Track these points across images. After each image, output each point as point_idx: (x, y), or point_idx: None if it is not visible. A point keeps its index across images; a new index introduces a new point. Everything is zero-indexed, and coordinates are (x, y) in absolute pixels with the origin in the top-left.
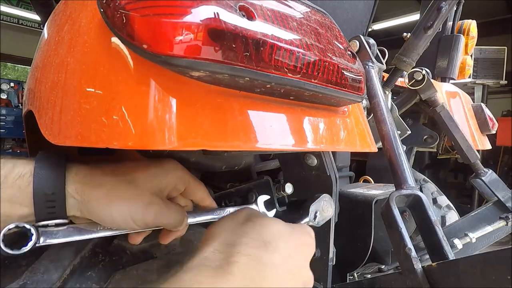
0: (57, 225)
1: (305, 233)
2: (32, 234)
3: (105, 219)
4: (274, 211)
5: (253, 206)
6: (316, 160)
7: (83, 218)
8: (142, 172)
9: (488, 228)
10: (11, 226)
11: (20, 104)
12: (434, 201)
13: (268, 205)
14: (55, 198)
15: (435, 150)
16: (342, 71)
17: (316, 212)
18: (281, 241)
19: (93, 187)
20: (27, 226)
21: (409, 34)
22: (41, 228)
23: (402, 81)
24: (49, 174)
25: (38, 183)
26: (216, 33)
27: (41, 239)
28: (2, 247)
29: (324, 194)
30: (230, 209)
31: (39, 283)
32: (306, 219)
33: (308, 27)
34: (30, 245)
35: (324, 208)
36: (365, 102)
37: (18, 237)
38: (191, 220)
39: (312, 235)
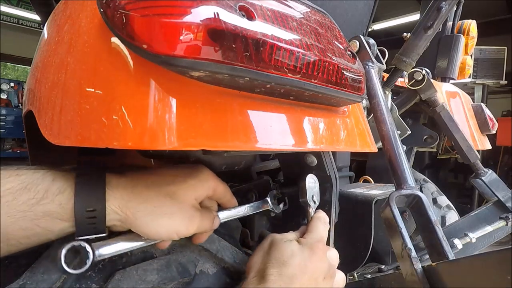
0: (96, 238)
1: (315, 249)
2: (88, 252)
3: (149, 233)
4: (282, 204)
5: (264, 201)
6: (316, 160)
7: (121, 227)
8: (181, 185)
9: (488, 228)
10: (69, 246)
11: (20, 104)
12: (434, 201)
13: (278, 200)
14: (96, 214)
15: (435, 150)
16: (342, 71)
17: (313, 196)
18: (295, 258)
19: (139, 204)
20: (83, 245)
21: (409, 34)
22: (93, 242)
23: (402, 81)
24: (90, 191)
25: (79, 201)
26: (216, 33)
27: (97, 255)
28: (66, 268)
29: (307, 177)
30: (247, 206)
31: (39, 283)
32: (311, 209)
33: (308, 27)
34: (89, 263)
35: (316, 187)
36: (365, 102)
37: (69, 253)
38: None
39: (321, 248)
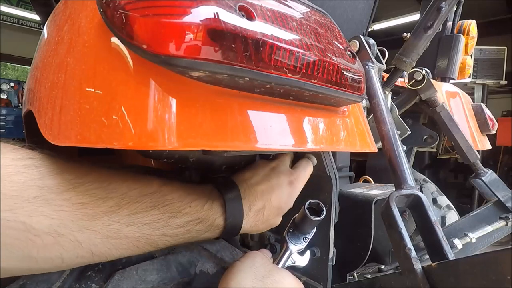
0: None
1: None
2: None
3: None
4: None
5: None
6: (316, 160)
7: None
8: None
9: (488, 228)
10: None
11: (20, 104)
12: (434, 201)
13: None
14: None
15: (435, 150)
16: (342, 71)
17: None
18: None
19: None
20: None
21: (409, 34)
22: None
23: (402, 81)
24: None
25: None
26: (216, 33)
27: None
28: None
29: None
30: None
31: (39, 283)
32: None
33: (308, 27)
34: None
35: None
36: (365, 102)
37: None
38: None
39: None
